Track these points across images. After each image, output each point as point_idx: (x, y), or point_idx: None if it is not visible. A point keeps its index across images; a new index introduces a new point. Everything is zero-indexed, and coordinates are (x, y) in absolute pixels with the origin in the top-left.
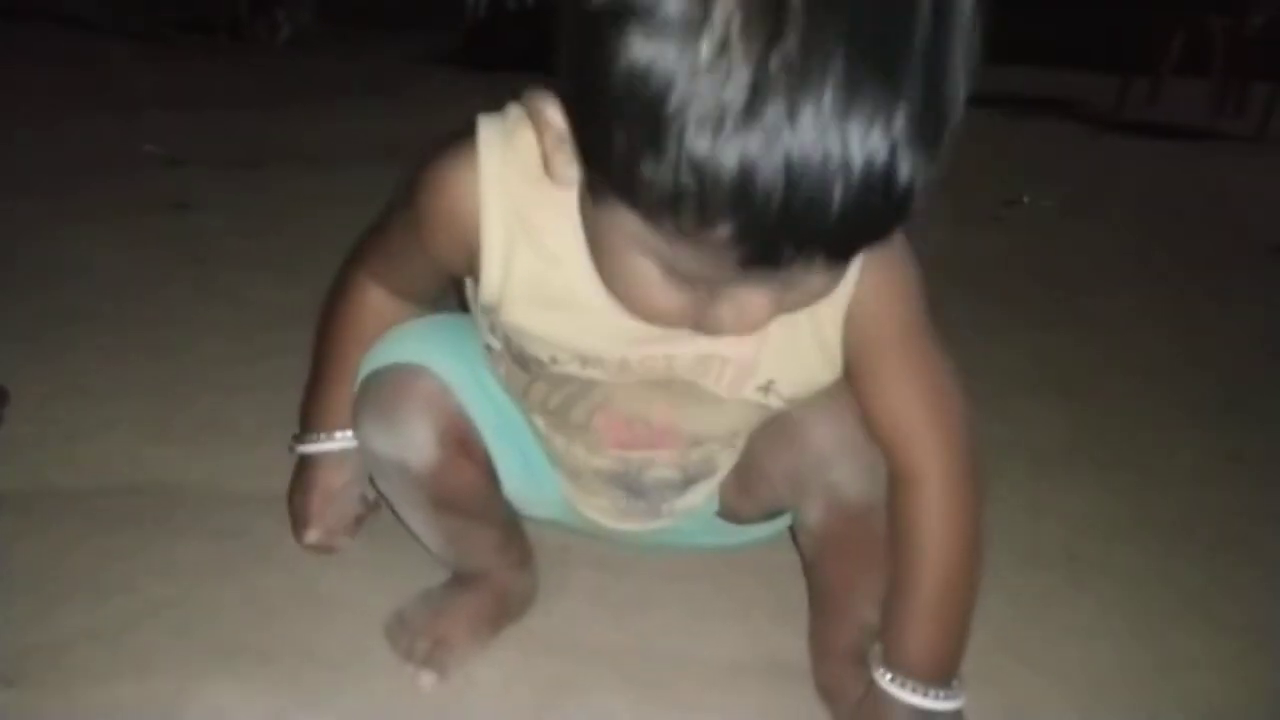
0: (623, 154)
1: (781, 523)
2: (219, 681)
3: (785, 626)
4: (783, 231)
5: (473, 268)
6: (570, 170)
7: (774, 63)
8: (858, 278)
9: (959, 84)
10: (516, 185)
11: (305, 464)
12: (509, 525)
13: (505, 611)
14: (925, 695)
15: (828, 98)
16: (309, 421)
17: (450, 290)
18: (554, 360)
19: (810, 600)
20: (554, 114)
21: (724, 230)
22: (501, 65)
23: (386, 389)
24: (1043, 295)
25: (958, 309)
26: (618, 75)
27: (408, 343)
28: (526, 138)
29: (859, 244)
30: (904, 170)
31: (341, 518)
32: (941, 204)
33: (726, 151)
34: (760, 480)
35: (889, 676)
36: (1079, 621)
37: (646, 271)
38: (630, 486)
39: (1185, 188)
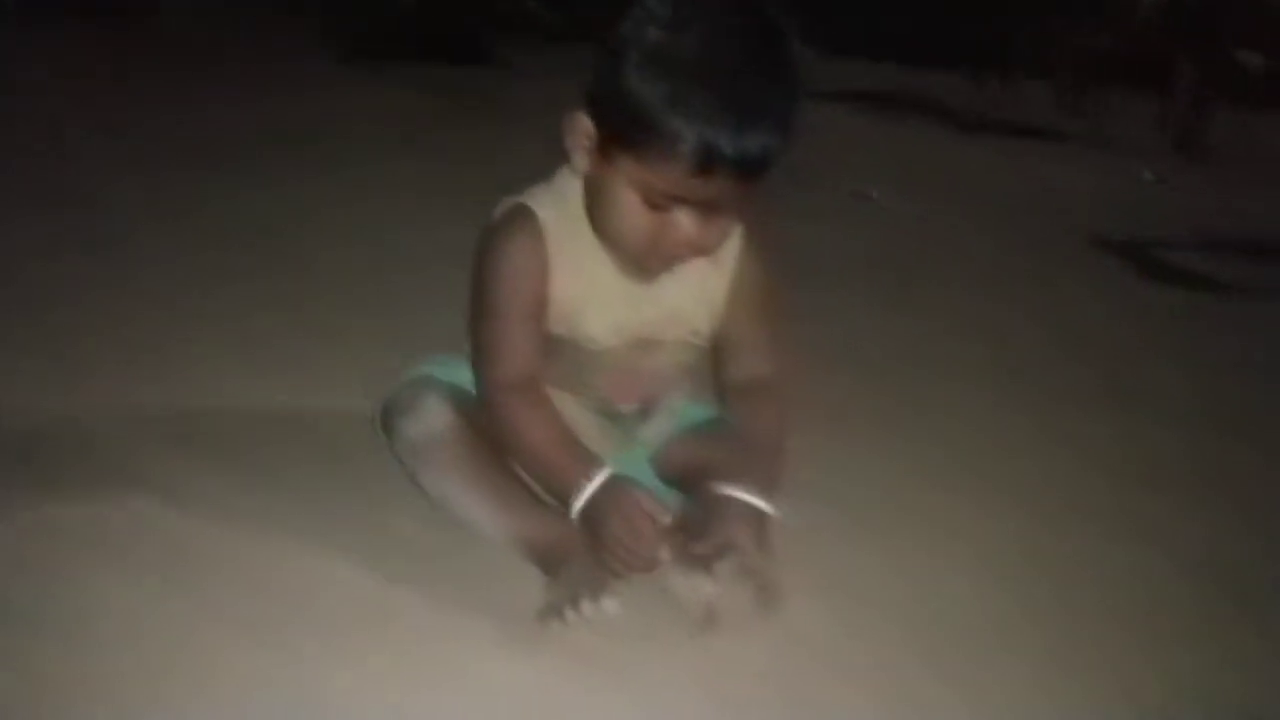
0: (638, 126)
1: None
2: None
3: None
4: (716, 153)
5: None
6: (584, 162)
7: (720, 85)
8: (736, 262)
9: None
10: (563, 225)
11: (601, 497)
12: None
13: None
14: (758, 498)
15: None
16: (571, 483)
17: None
18: (573, 339)
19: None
20: (586, 121)
21: (687, 147)
22: (401, 56)
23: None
24: (879, 280)
25: (805, 293)
26: (631, 88)
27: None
28: (556, 195)
29: (747, 173)
30: (773, 141)
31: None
32: (796, 197)
33: (695, 119)
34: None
35: (730, 485)
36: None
37: (632, 202)
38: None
39: (1020, 184)
